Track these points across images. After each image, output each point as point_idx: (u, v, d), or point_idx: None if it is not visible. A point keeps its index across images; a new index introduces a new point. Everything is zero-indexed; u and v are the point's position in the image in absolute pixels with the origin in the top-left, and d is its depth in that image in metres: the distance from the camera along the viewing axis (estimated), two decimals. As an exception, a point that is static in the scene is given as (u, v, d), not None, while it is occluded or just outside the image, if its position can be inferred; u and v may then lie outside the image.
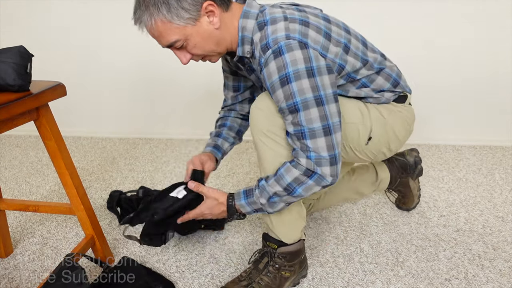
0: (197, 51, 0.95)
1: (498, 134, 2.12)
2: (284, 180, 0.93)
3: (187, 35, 0.91)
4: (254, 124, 1.00)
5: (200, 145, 2.23)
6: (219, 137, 1.26)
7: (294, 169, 0.92)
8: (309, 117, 0.88)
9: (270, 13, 0.93)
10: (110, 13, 2.14)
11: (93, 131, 2.41)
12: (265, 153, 1.00)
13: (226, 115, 1.30)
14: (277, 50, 0.87)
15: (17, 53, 0.95)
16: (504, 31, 1.93)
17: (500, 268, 1.21)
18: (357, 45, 1.00)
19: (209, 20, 0.91)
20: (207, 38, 0.93)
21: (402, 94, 1.12)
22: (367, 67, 1.02)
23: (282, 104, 0.90)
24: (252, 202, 1.00)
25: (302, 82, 0.87)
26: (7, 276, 1.23)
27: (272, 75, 0.89)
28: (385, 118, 1.08)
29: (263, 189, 0.97)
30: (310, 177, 0.91)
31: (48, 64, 2.27)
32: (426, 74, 2.05)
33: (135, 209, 1.50)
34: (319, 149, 0.90)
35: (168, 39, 0.93)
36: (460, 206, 1.55)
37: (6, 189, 1.78)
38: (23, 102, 0.92)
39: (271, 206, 0.98)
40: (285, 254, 1.09)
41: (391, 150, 1.15)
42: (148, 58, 2.22)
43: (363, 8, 1.96)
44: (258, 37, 0.93)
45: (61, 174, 1.09)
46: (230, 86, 1.24)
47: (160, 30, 0.92)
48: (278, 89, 0.89)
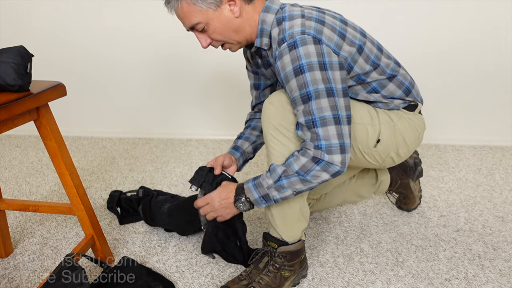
0: (216, 36, 1.01)
1: (498, 134, 2.12)
2: (292, 168, 0.95)
3: (208, 19, 0.98)
4: (265, 118, 1.03)
5: (200, 145, 2.24)
6: (240, 138, 1.30)
7: (302, 156, 0.95)
8: (320, 106, 0.92)
9: (289, 10, 0.99)
10: (110, 13, 2.14)
11: (93, 131, 2.41)
12: (274, 146, 1.02)
13: (252, 117, 1.33)
14: (292, 44, 0.92)
15: (17, 53, 0.95)
16: (505, 31, 1.93)
17: (500, 268, 1.21)
18: (371, 49, 1.05)
19: (230, 9, 0.98)
20: (226, 24, 0.99)
21: (412, 103, 1.15)
22: (378, 71, 1.06)
23: (295, 94, 0.94)
24: (259, 184, 0.99)
25: (314, 73, 0.91)
26: (7, 276, 1.23)
27: (286, 66, 0.93)
28: (395, 122, 1.11)
29: (272, 171, 0.98)
30: (318, 163, 0.93)
31: (48, 64, 2.27)
32: (426, 74, 2.05)
33: (135, 209, 1.51)
34: (329, 136, 0.92)
35: (191, 21, 0.99)
36: (460, 206, 1.55)
37: (6, 189, 1.78)
38: (23, 102, 0.92)
39: (278, 189, 0.97)
40: (285, 254, 1.09)
41: (400, 155, 1.17)
42: (148, 58, 2.22)
43: (361, 6, 1.97)
44: (276, 32, 0.99)
45: (61, 174, 1.09)
46: (253, 85, 1.29)
47: (184, 11, 0.98)
48: (292, 79, 0.93)
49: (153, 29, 2.14)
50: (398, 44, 1.97)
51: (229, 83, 2.23)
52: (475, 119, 2.13)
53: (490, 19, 1.92)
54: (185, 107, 2.32)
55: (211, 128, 2.34)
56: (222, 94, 2.27)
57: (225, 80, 2.23)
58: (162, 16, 2.10)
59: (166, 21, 2.11)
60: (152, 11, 2.10)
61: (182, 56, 2.19)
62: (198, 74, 2.24)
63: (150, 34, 2.16)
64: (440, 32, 1.98)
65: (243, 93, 2.22)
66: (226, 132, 2.32)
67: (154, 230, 1.44)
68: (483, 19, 1.93)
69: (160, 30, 2.14)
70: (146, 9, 2.10)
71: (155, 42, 2.18)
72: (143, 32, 2.16)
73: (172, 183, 1.80)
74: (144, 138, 2.35)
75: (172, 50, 2.18)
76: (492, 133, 2.12)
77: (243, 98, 2.22)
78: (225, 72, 2.20)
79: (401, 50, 1.92)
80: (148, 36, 2.17)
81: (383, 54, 1.08)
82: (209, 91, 2.27)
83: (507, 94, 2.05)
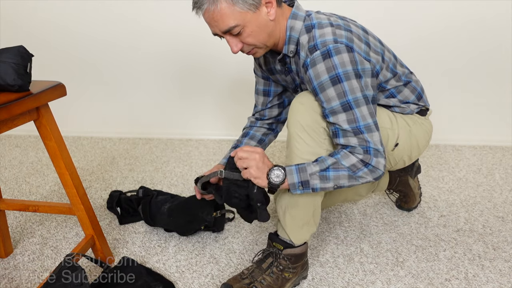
0: (250, 40, 0.97)
1: (498, 134, 2.12)
2: (342, 163, 0.95)
3: (246, 21, 0.94)
4: (294, 117, 1.01)
5: (200, 145, 2.23)
6: (235, 148, 1.27)
7: (351, 155, 0.95)
8: (362, 114, 0.95)
9: (316, 18, 0.99)
10: (110, 13, 2.14)
11: (93, 131, 2.41)
12: (298, 146, 1.01)
13: (251, 124, 1.32)
14: (326, 52, 0.93)
15: (17, 53, 0.95)
16: (505, 31, 1.93)
17: (500, 268, 1.21)
18: (389, 56, 1.08)
19: (267, 11, 0.96)
20: (262, 27, 0.96)
21: (423, 107, 1.19)
22: (396, 78, 1.10)
23: (334, 103, 0.94)
24: (302, 169, 0.95)
25: (352, 82, 0.93)
26: (7, 276, 1.23)
27: (321, 75, 0.94)
28: (410, 127, 1.15)
29: (321, 161, 0.96)
30: (366, 166, 0.95)
31: (48, 64, 2.27)
32: (426, 74, 2.05)
33: (135, 209, 1.50)
34: (376, 142, 0.96)
35: (227, 23, 0.93)
36: (460, 206, 1.55)
37: (6, 189, 1.78)
38: (23, 102, 0.92)
39: (321, 178, 0.95)
40: (291, 256, 1.10)
41: (411, 158, 1.21)
42: (148, 58, 2.22)
43: (358, 3, 1.97)
44: (305, 39, 0.98)
45: (61, 174, 1.09)
46: (261, 91, 1.27)
47: (222, 13, 0.92)
48: (329, 88, 0.94)
49: (152, 29, 2.14)
50: (398, 43, 1.97)
51: (229, 83, 2.23)
52: (475, 119, 2.13)
53: (491, 19, 1.92)
54: (185, 107, 2.32)
55: (211, 128, 2.34)
56: (222, 94, 2.27)
57: (225, 80, 2.23)
58: (162, 16, 2.11)
59: (166, 21, 2.11)
60: (152, 12, 2.10)
61: (182, 56, 2.19)
62: (198, 74, 2.24)
63: (150, 35, 2.16)
64: (440, 33, 1.98)
65: (243, 93, 2.22)
66: (226, 132, 2.32)
67: (154, 230, 1.44)
68: (483, 20, 1.93)
69: (160, 31, 2.14)
70: (146, 10, 2.10)
71: (155, 43, 2.18)
72: (143, 33, 2.16)
73: (172, 183, 1.80)
74: (144, 138, 2.35)
75: (172, 50, 2.18)
76: (492, 133, 2.12)
77: (243, 98, 2.22)
78: (225, 72, 2.20)
79: (402, 51, 1.92)
80: (148, 36, 2.17)
81: (398, 62, 1.12)
82: (209, 91, 2.27)
83: (507, 94, 2.05)
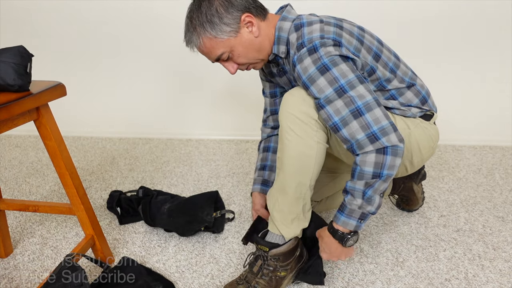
0: (242, 60, 1.03)
1: (498, 134, 2.12)
2: (366, 174, 0.92)
3: (231, 46, 0.99)
4: (284, 108, 1.00)
5: (200, 145, 2.23)
6: (264, 169, 1.25)
7: (366, 157, 0.91)
8: (359, 93, 0.92)
9: (307, 18, 1.01)
10: (110, 13, 2.14)
11: (93, 131, 2.41)
12: (290, 138, 0.99)
13: (269, 134, 1.31)
14: (312, 48, 0.93)
15: (17, 53, 0.95)
16: (505, 32, 1.93)
17: (500, 268, 1.21)
18: (389, 56, 1.06)
19: (249, 30, 0.99)
20: (248, 46, 1.01)
21: (428, 112, 1.15)
22: (398, 79, 1.07)
23: (327, 91, 0.92)
24: (351, 211, 0.96)
25: (340, 66, 0.92)
26: (7, 276, 1.23)
27: (308, 68, 0.93)
28: (411, 129, 1.10)
29: (352, 190, 0.95)
30: (385, 153, 0.91)
31: (48, 64, 2.27)
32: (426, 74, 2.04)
33: (135, 209, 1.51)
34: (378, 119, 0.91)
35: (215, 53, 1.01)
36: (460, 206, 1.55)
37: (6, 189, 1.78)
38: (23, 102, 0.92)
39: (369, 202, 0.95)
40: (278, 256, 1.08)
41: (413, 164, 1.16)
42: (148, 58, 2.22)
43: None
44: (294, 37, 0.99)
45: (61, 174, 1.09)
46: (268, 93, 1.29)
47: (207, 47, 1.00)
48: (319, 78, 0.92)
49: (152, 30, 2.14)
50: (397, 43, 1.97)
51: (230, 83, 2.23)
52: (475, 119, 2.13)
53: (491, 19, 1.92)
54: (185, 107, 2.32)
55: (211, 128, 2.34)
56: (222, 94, 2.27)
57: (225, 80, 2.23)
58: (162, 16, 2.11)
59: (166, 21, 2.11)
60: (152, 12, 2.10)
61: (182, 57, 2.19)
62: (198, 75, 2.24)
63: (149, 35, 2.16)
64: (440, 33, 1.98)
65: (244, 93, 2.22)
66: (226, 132, 2.32)
67: (154, 230, 1.44)
68: (483, 20, 1.93)
69: (159, 31, 2.14)
70: (146, 10, 2.10)
71: (155, 43, 2.18)
72: (143, 33, 2.16)
73: (172, 183, 1.80)
74: (144, 138, 2.35)
75: (172, 51, 2.18)
76: (492, 133, 2.12)
77: (244, 98, 2.22)
78: (226, 72, 2.20)
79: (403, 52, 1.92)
80: (148, 37, 2.17)
81: (401, 63, 1.10)
82: (209, 91, 2.27)
83: (507, 94, 2.05)
